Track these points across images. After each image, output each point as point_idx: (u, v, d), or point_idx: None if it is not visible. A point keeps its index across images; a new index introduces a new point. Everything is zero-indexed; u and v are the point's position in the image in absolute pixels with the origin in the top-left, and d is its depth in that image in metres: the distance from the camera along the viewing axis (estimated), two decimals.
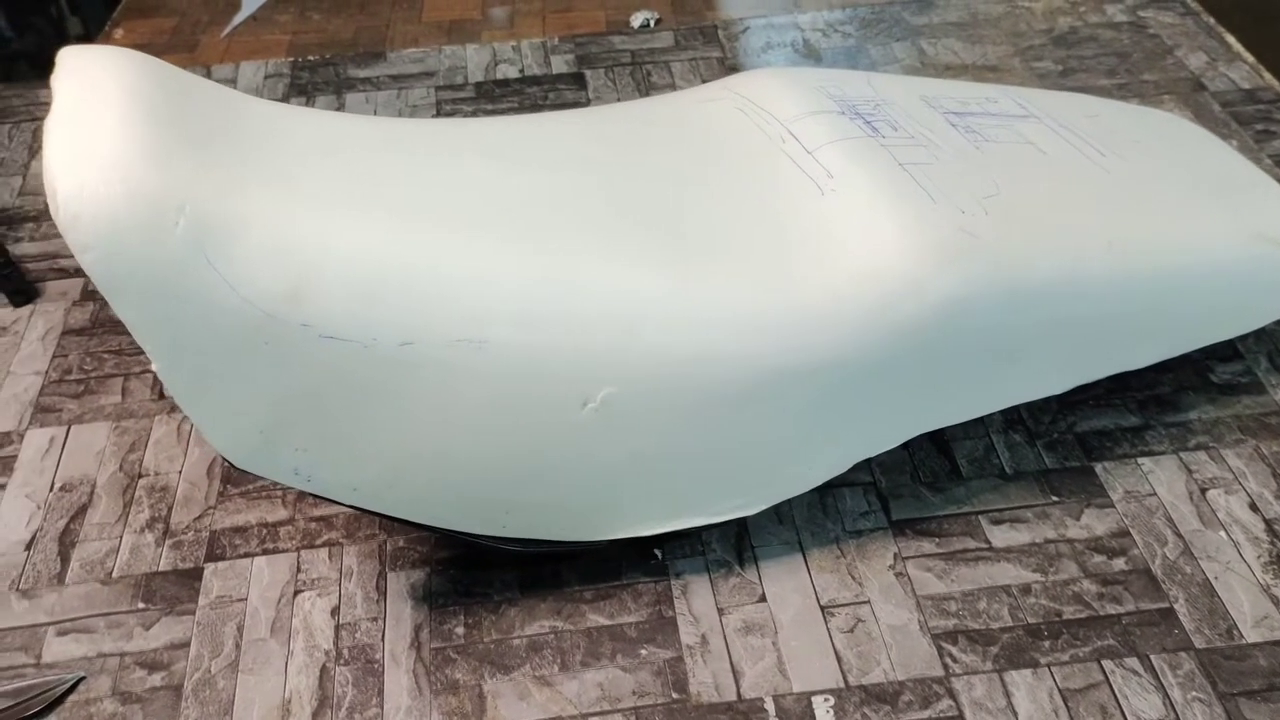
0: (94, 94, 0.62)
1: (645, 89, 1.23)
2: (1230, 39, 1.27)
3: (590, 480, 0.71)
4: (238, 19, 1.50)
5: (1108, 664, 0.71)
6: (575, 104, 1.22)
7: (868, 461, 0.81)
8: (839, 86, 0.86)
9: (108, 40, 1.47)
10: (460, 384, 0.66)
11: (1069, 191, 0.82)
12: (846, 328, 0.70)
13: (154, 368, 0.61)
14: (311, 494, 0.68)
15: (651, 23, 1.43)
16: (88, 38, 2.58)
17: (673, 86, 1.23)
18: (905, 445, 0.79)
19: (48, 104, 0.61)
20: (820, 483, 0.76)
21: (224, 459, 0.64)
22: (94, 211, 0.57)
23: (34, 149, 1.18)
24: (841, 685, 0.71)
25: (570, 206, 0.72)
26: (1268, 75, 1.21)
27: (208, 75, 1.28)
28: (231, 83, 1.26)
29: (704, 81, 1.24)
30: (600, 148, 0.79)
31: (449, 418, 0.67)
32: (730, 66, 1.26)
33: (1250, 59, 1.24)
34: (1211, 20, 1.30)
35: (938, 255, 0.71)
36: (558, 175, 0.75)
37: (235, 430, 0.64)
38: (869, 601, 0.75)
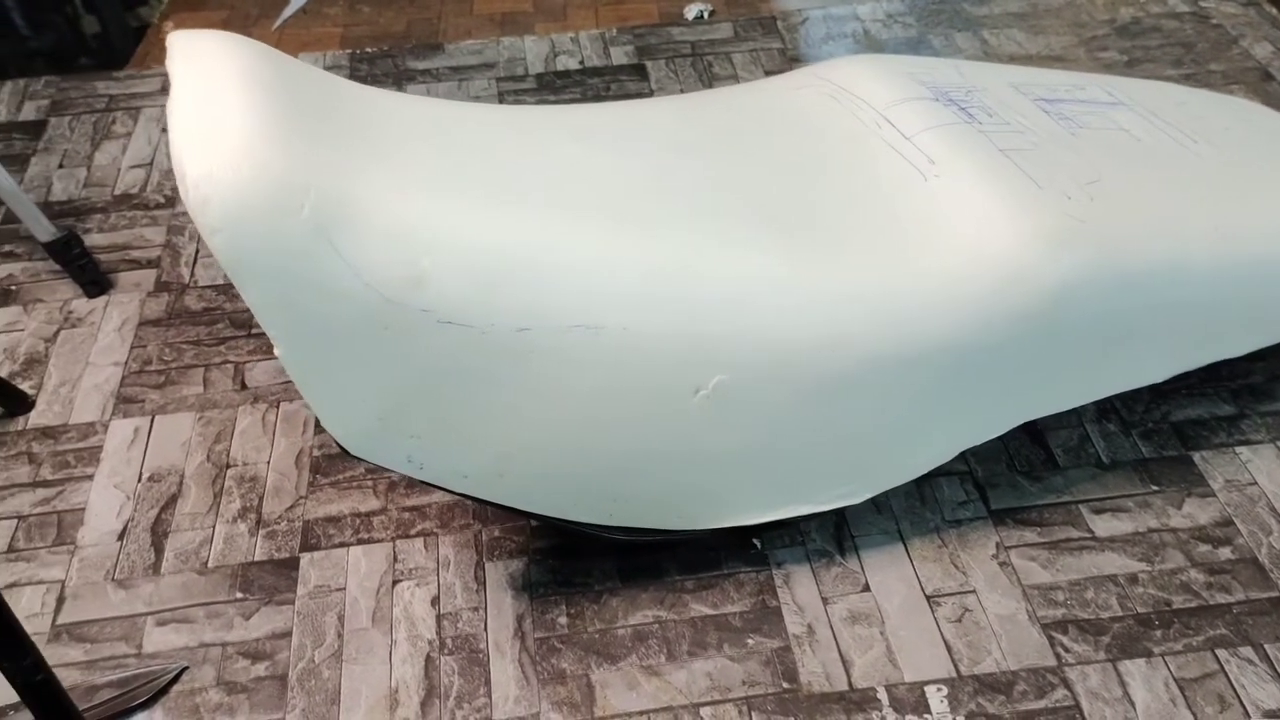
0: (212, 78, 0.62)
1: (708, 80, 1.22)
2: None
3: (699, 468, 0.70)
4: (288, 11, 1.50)
5: (1222, 653, 0.71)
6: (638, 95, 1.21)
7: (964, 450, 0.80)
8: (929, 73, 0.86)
9: (158, 33, 1.46)
10: (574, 370, 0.65)
11: (1167, 178, 0.81)
12: (962, 313, 0.69)
13: (276, 352, 0.60)
14: (422, 481, 0.67)
15: (705, 14, 1.42)
16: (105, 36, 2.57)
17: (735, 78, 1.23)
18: (1000, 434, 0.78)
19: (106, 95, 0.61)
20: (926, 471, 0.75)
21: (338, 445, 0.64)
22: (223, 194, 0.56)
23: (95, 140, 1.18)
24: (954, 675, 0.70)
25: (680, 192, 0.71)
26: None
27: None
28: None
29: (766, 73, 1.23)
30: (700, 134, 0.78)
31: (562, 404, 0.66)
32: (792, 58, 1.26)
33: None
34: (1275, 10, 1.29)
35: (1049, 240, 0.70)
36: (664, 161, 0.74)
37: (352, 417, 0.63)
38: (974, 591, 0.75)
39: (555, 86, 1.23)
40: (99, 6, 2.49)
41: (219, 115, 0.59)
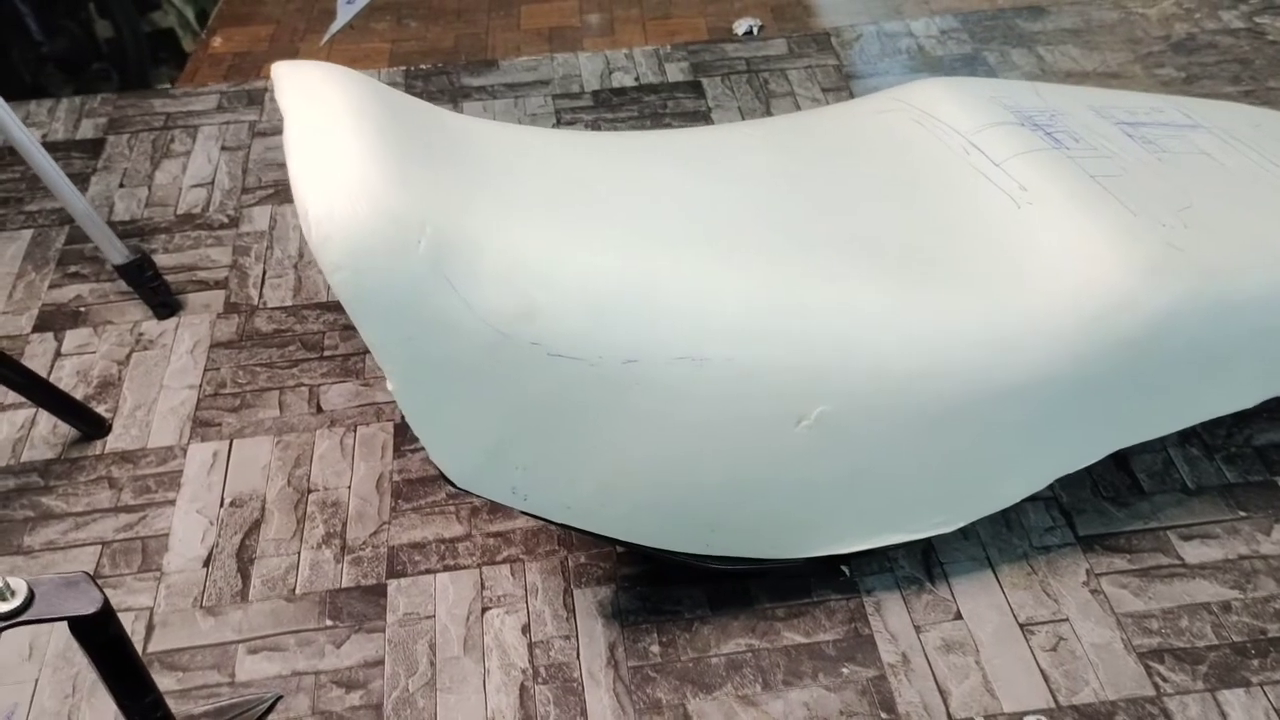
0: (324, 112, 0.62)
1: (764, 97, 1.22)
2: None
3: (798, 498, 0.70)
4: (335, 27, 1.50)
5: None
6: (695, 112, 1.21)
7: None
8: (1010, 96, 0.86)
9: (205, 48, 1.46)
10: (678, 402, 0.65)
11: (1255, 203, 0.81)
12: (1063, 342, 0.69)
13: (389, 387, 0.60)
14: (524, 512, 0.67)
15: (755, 30, 1.42)
16: (118, 41, 2.57)
17: (791, 94, 1.23)
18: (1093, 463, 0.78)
19: (163, 113, 0.61)
20: (1018, 500, 0.75)
21: (444, 477, 0.64)
22: (344, 233, 0.56)
23: (155, 159, 1.18)
24: (1052, 705, 0.70)
25: (779, 221, 0.72)
26: None
27: None
28: None
29: (823, 90, 1.23)
30: (792, 160, 0.78)
31: (665, 435, 0.66)
32: (848, 75, 1.25)
33: None
34: None
35: (1148, 268, 0.70)
36: (761, 189, 0.74)
37: (461, 449, 0.63)
38: (1068, 619, 0.74)
39: (612, 104, 1.23)
40: (113, 12, 2.49)
41: (336, 151, 0.59)
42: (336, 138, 0.60)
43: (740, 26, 1.43)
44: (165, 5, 1.84)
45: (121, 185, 1.14)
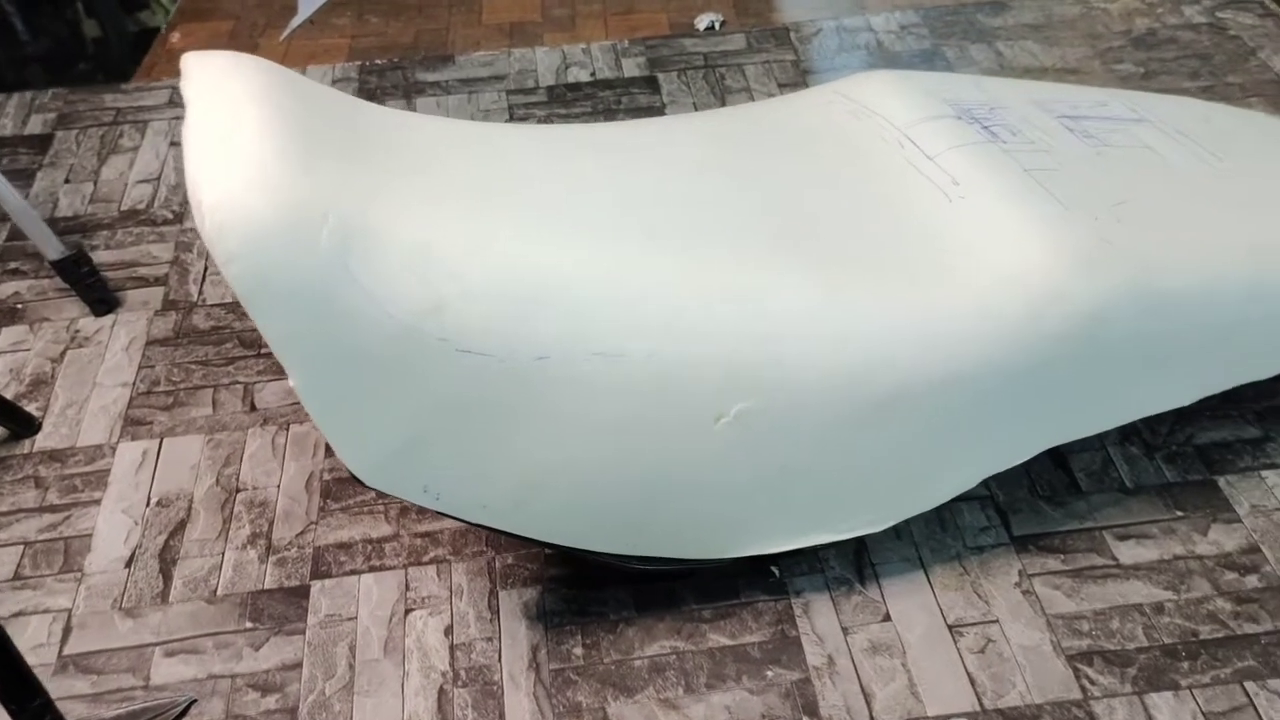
0: (228, 101, 0.61)
1: (720, 92, 1.21)
2: None
3: (720, 498, 0.69)
4: (295, 22, 1.49)
5: (1250, 685, 0.69)
6: (649, 107, 1.20)
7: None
8: (951, 90, 0.84)
9: (164, 44, 1.45)
10: (594, 398, 0.64)
11: (1194, 198, 0.79)
12: (992, 336, 0.68)
13: (290, 382, 0.59)
14: (439, 512, 0.66)
15: (717, 25, 1.41)
16: (104, 40, 2.56)
17: (747, 90, 1.21)
18: (1026, 460, 0.77)
19: (113, 108, 0.60)
20: (950, 498, 0.74)
21: (353, 475, 0.62)
22: (241, 221, 0.55)
23: (102, 155, 1.17)
24: (977, 709, 0.69)
25: (703, 214, 0.70)
26: None
27: None
28: None
29: (779, 85, 1.22)
30: (724, 153, 0.77)
31: (581, 433, 0.65)
32: (805, 70, 1.24)
33: None
34: None
35: (1079, 263, 0.69)
36: (687, 182, 0.73)
37: (368, 447, 0.62)
38: (998, 620, 0.73)
39: (566, 99, 1.22)
40: (99, 11, 2.48)
41: (235, 140, 0.58)
42: (236, 125, 0.59)
43: (702, 21, 1.42)
44: (153, 4, 1.83)
45: (67, 181, 1.13)
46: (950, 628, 0.73)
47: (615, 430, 0.65)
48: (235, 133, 0.58)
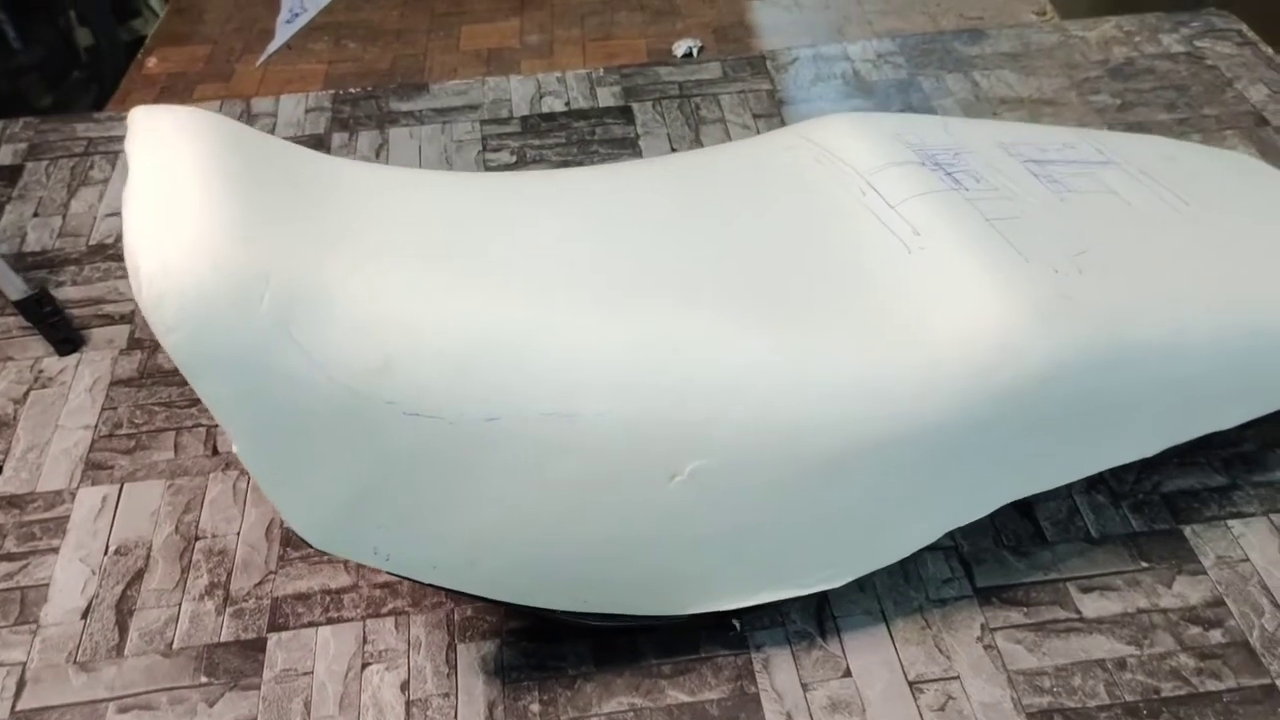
0: (172, 161, 0.60)
1: (694, 123, 1.21)
2: None
3: (676, 555, 0.68)
4: (272, 47, 1.48)
5: None
6: (623, 139, 1.19)
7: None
8: (916, 133, 0.84)
9: (140, 69, 1.44)
10: (546, 459, 0.63)
11: (1159, 246, 0.79)
12: (946, 394, 0.67)
13: (234, 449, 0.58)
14: (389, 572, 0.65)
15: (695, 51, 1.40)
16: (96, 50, 2.56)
17: (722, 120, 1.21)
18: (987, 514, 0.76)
19: (85, 138, 0.60)
20: (910, 553, 0.73)
21: (302, 539, 0.62)
22: (179, 291, 0.54)
23: (72, 187, 1.16)
24: None
25: (659, 268, 0.70)
26: None
27: (247, 109, 1.25)
28: (272, 118, 1.24)
29: (754, 116, 1.22)
30: (680, 202, 0.77)
31: (533, 493, 0.64)
32: (779, 100, 1.24)
33: None
34: (1270, 51, 1.27)
35: (1035, 318, 0.68)
36: (643, 233, 0.73)
37: (315, 510, 0.62)
38: (959, 677, 0.73)
39: (540, 130, 1.21)
40: (92, 20, 2.48)
41: (176, 205, 0.57)
42: (178, 188, 0.58)
43: (680, 48, 1.42)
44: (145, 13, 1.82)
45: (36, 215, 1.13)
46: (911, 684, 0.72)
47: (568, 490, 0.64)
48: (176, 198, 0.57)
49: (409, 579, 0.66)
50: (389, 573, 0.65)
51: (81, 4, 2.39)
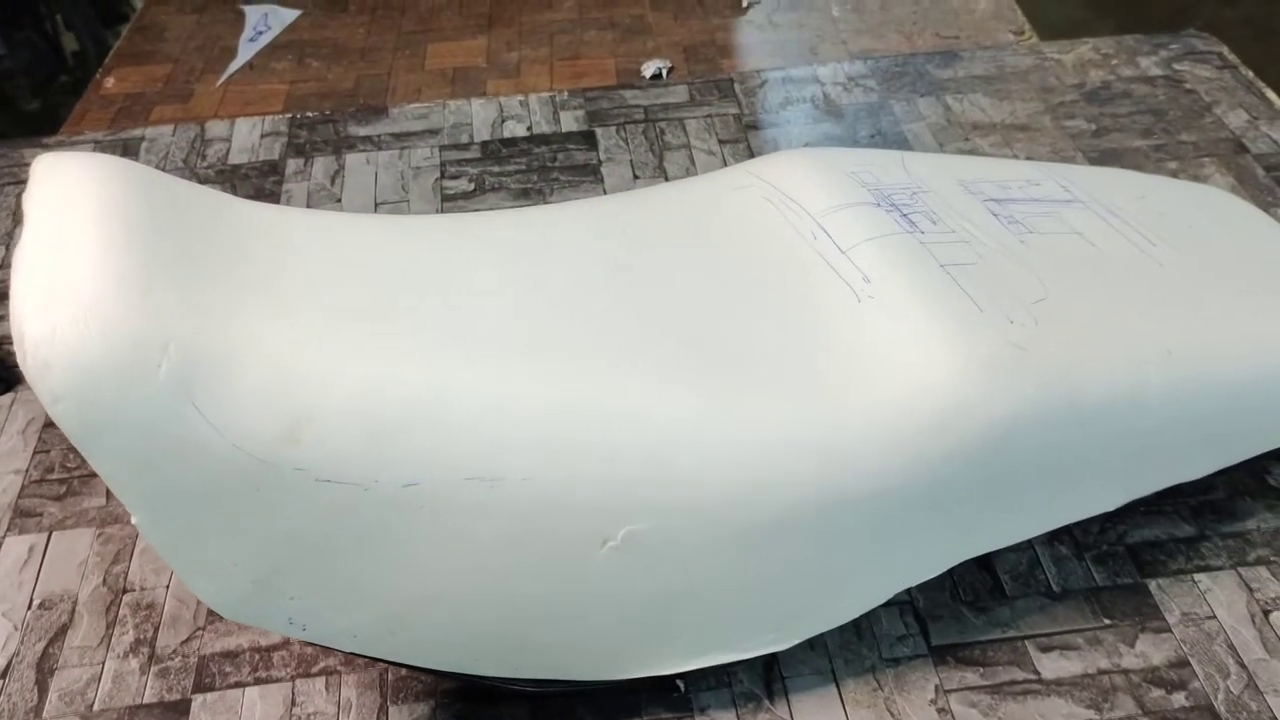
0: (70, 215, 0.57)
1: (659, 149, 1.18)
2: (1271, 95, 1.22)
3: (609, 621, 0.65)
4: (233, 66, 1.45)
5: None
6: (585, 165, 1.16)
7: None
8: (872, 171, 0.81)
9: (97, 89, 1.41)
10: (470, 525, 0.60)
11: (1122, 291, 0.76)
12: (894, 453, 0.64)
13: (133, 521, 0.55)
14: (307, 642, 0.62)
15: (664, 73, 1.38)
16: (82, 54, 2.53)
17: (687, 146, 1.18)
18: (939, 574, 0.73)
19: (31, 165, 0.57)
20: (858, 615, 0.70)
21: (211, 610, 0.59)
22: (66, 358, 0.51)
23: (18, 216, 1.13)
24: None
25: (595, 320, 0.67)
26: None
27: (201, 133, 1.22)
28: (226, 142, 1.21)
29: (720, 141, 1.19)
30: (620, 247, 0.74)
31: (457, 560, 0.61)
32: (747, 124, 1.21)
33: None
34: (1251, 74, 1.25)
35: (987, 373, 0.66)
36: (574, 282, 0.70)
37: (224, 581, 0.59)
38: None
39: (500, 156, 1.18)
40: (77, 25, 2.44)
41: (67, 266, 0.54)
42: (72, 246, 0.55)
43: (649, 69, 1.39)
44: (131, 17, 1.80)
45: None
46: None
47: (494, 556, 0.61)
48: (70, 257, 0.54)
49: (328, 648, 0.62)
50: (305, 643, 0.62)
51: (67, 9, 2.36)
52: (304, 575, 0.60)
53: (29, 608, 0.79)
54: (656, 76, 1.37)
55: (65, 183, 0.59)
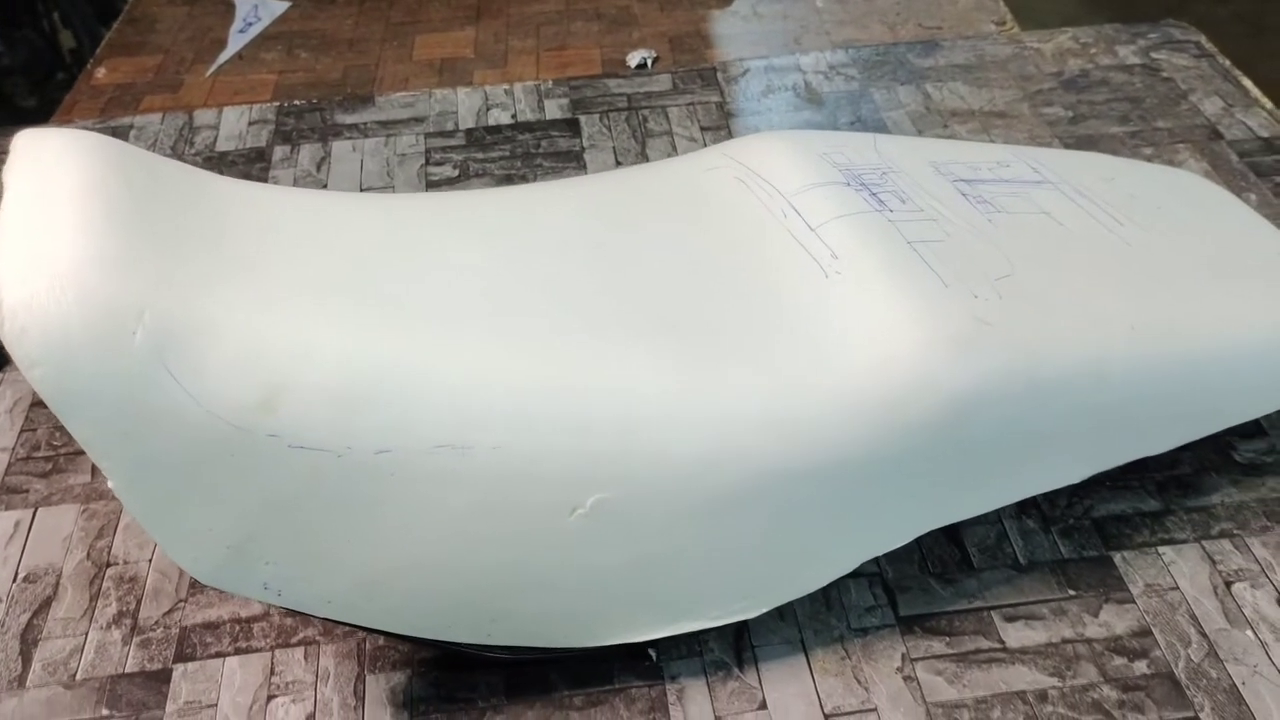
0: (49, 188, 0.58)
1: (641, 136, 1.19)
2: (1247, 83, 1.23)
3: (580, 588, 0.67)
4: (223, 57, 1.47)
5: None
6: (568, 152, 1.18)
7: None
8: (843, 152, 0.82)
9: (88, 79, 1.43)
10: (441, 492, 0.62)
11: (1087, 269, 0.77)
12: (857, 425, 0.66)
13: (110, 485, 0.56)
14: (283, 608, 0.63)
15: (649, 62, 1.39)
16: (80, 51, 2.55)
17: (669, 134, 1.19)
18: (905, 543, 0.74)
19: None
20: (826, 583, 0.72)
21: (193, 583, 0.60)
22: (43, 324, 0.53)
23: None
24: None
25: (567, 294, 0.68)
26: None
27: (189, 121, 1.24)
28: (214, 130, 1.22)
29: (702, 129, 1.20)
30: (595, 226, 0.75)
31: (428, 526, 0.62)
32: (729, 112, 1.22)
33: (1268, 104, 1.20)
34: (1228, 63, 1.26)
35: (951, 347, 0.67)
36: (549, 258, 0.71)
37: (200, 547, 0.60)
38: (876, 709, 0.71)
39: (485, 143, 1.20)
40: (75, 23, 2.46)
41: (46, 233, 0.56)
42: (51, 216, 0.56)
43: (634, 59, 1.40)
44: None
45: None
46: (827, 717, 0.71)
47: (464, 524, 0.63)
48: (49, 227, 0.56)
49: (304, 614, 0.64)
50: (282, 608, 0.63)
51: (64, 7, 2.38)
52: (279, 541, 0.61)
53: (14, 580, 0.80)
54: (641, 66, 1.39)
55: (45, 157, 0.61)
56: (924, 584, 0.78)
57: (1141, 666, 0.73)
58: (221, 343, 0.57)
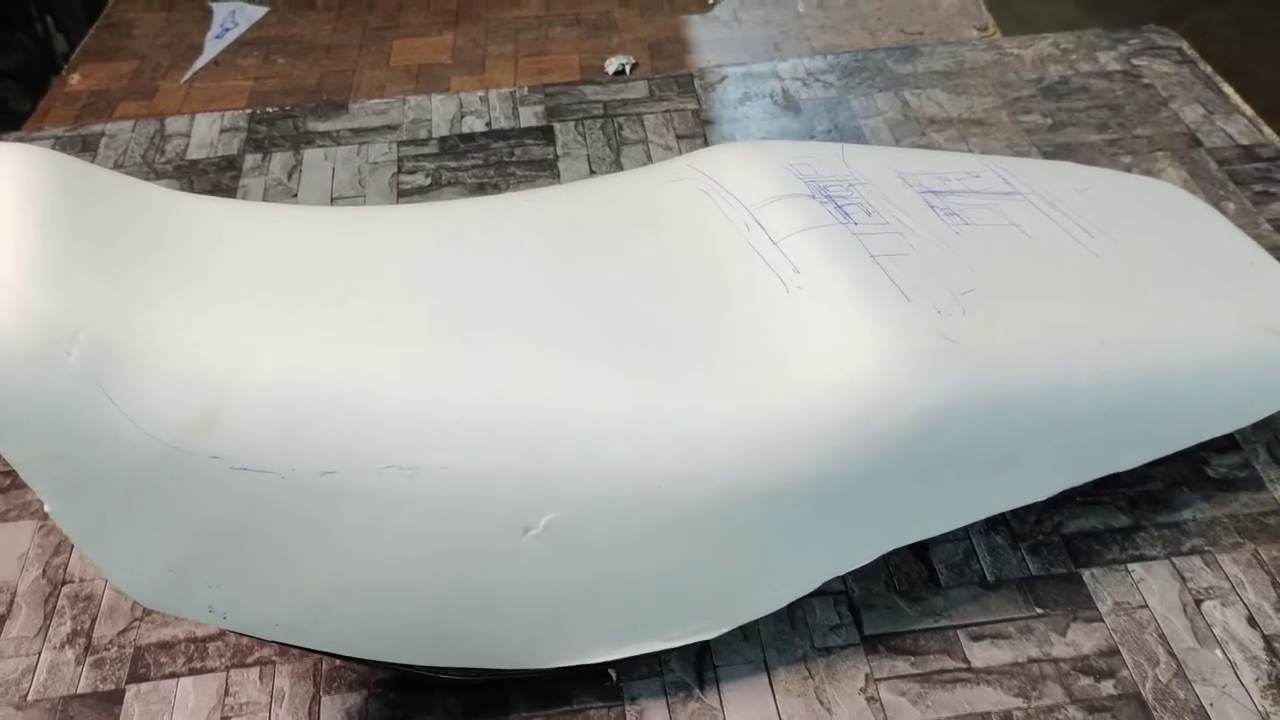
0: None
1: (616, 144, 1.18)
2: (1228, 89, 1.22)
3: (534, 610, 0.66)
4: (199, 63, 1.46)
5: None
6: (542, 160, 1.17)
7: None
8: (809, 163, 0.81)
9: (63, 85, 1.42)
10: (389, 514, 0.60)
11: (1056, 282, 0.76)
12: (817, 444, 0.64)
13: (46, 509, 0.55)
14: (230, 630, 0.62)
15: (627, 68, 1.38)
16: (72, 55, 2.53)
17: (644, 142, 1.18)
18: (867, 563, 0.73)
19: None
20: (786, 604, 0.71)
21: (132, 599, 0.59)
22: None
23: None
24: None
25: (516, 308, 0.67)
26: (1267, 130, 1.16)
27: (161, 129, 1.22)
28: (186, 138, 1.21)
29: (678, 137, 1.19)
30: (553, 238, 0.74)
31: (377, 549, 0.61)
32: (705, 120, 1.21)
33: (1249, 112, 1.19)
34: (1209, 69, 1.25)
35: (913, 364, 0.66)
36: (504, 272, 0.70)
37: (141, 570, 0.59)
38: None
39: (458, 151, 1.19)
40: (68, 27, 2.45)
41: None
42: None
43: (612, 65, 1.39)
44: None
45: None
46: None
47: (414, 546, 0.62)
48: None
49: (251, 637, 0.63)
50: (228, 631, 0.62)
51: (58, 11, 2.37)
52: (222, 564, 0.60)
53: None
54: (620, 72, 1.38)
55: None
56: (890, 602, 0.77)
57: (1108, 687, 0.72)
58: (160, 362, 0.56)
